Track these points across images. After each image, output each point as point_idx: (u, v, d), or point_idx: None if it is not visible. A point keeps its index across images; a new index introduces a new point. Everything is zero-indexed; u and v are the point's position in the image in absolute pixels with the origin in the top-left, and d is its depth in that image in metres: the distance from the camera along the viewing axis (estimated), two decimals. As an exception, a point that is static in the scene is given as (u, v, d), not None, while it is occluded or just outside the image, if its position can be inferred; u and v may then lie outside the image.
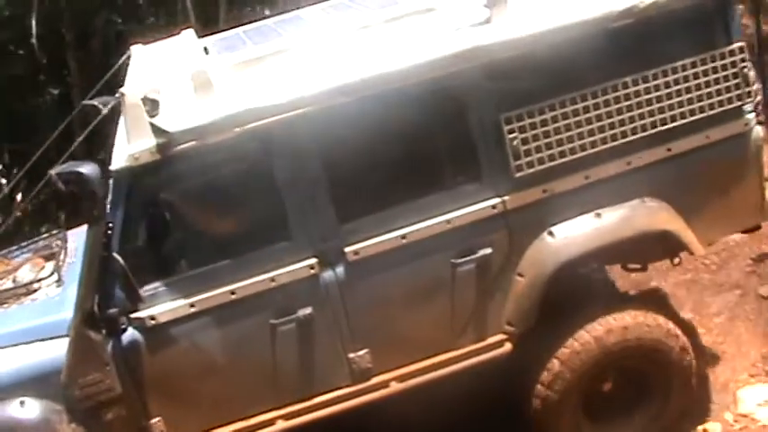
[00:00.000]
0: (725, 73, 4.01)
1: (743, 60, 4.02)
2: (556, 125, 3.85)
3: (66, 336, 3.58)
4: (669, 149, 4.02)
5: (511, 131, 3.81)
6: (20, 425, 3.61)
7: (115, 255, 3.50)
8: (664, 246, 4.16)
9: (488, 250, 3.90)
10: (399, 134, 3.76)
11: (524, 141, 3.83)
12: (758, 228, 4.44)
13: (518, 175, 3.85)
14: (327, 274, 3.79)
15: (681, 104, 3.98)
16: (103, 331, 3.59)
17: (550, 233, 3.94)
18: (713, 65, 3.98)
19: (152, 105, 3.60)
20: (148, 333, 3.66)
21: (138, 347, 3.67)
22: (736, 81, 4.03)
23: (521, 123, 3.81)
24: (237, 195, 3.76)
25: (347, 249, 3.77)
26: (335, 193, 3.76)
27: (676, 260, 4.30)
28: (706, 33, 4.01)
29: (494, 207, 3.88)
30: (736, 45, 4.01)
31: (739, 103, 4.05)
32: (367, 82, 3.66)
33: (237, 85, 3.74)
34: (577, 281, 4.27)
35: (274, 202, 3.71)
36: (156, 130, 3.47)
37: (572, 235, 3.95)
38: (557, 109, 3.83)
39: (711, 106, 4.02)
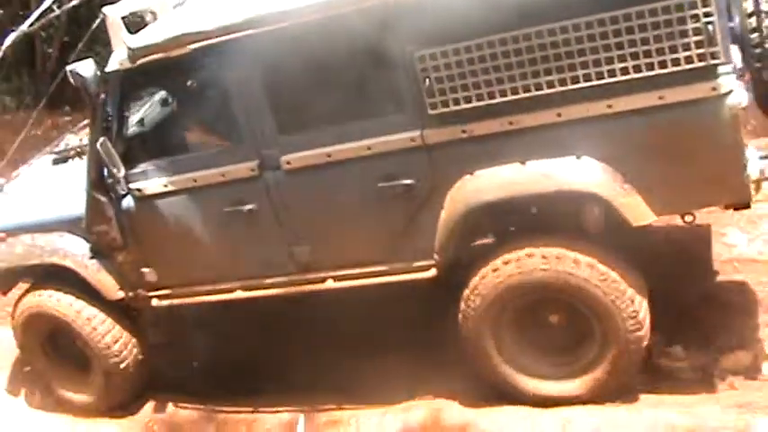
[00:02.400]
0: (682, 27, 3.50)
1: (707, 15, 3.44)
2: (472, 68, 3.78)
3: None
4: (609, 106, 3.69)
5: (424, 69, 3.84)
6: (58, 250, 4.87)
7: (100, 142, 4.42)
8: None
9: (411, 180, 4.06)
10: (331, 60, 4.00)
11: (438, 80, 3.84)
12: (746, 206, 3.85)
13: (432, 112, 3.90)
14: (268, 177, 4.31)
15: (622, 58, 3.61)
16: (110, 194, 4.63)
17: (472, 174, 3.96)
18: (666, 17, 3.50)
19: (151, 17, 4.38)
20: (138, 201, 4.60)
21: (132, 211, 4.64)
22: (698, 38, 3.49)
23: (434, 63, 3.82)
24: (200, 100, 4.41)
25: (283, 158, 4.25)
26: (276, 107, 4.19)
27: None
28: None
29: (413, 140, 4.00)
30: (699, -5, 3.45)
31: (702, 64, 3.52)
32: (299, 10, 3.95)
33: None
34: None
35: (227, 110, 4.28)
36: (126, 45, 4.23)
37: (491, 180, 3.93)
38: (473, 51, 3.76)
39: (663, 64, 3.57)
